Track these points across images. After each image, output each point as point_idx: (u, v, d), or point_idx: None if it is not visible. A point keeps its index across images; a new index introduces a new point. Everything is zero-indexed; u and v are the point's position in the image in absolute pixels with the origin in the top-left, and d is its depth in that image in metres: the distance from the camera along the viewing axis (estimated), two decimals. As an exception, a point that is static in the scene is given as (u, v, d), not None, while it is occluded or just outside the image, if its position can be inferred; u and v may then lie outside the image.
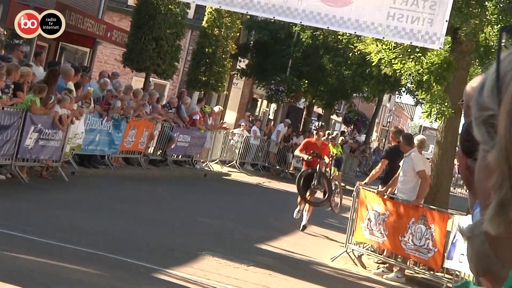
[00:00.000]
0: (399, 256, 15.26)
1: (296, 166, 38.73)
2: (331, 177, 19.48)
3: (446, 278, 14.25)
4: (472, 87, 4.57)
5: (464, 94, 5.23)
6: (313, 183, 18.49)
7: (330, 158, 19.86)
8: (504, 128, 1.31)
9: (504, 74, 1.44)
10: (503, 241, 1.55)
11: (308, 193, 18.87)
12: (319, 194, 20.02)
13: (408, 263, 15.21)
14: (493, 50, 24.74)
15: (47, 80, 18.67)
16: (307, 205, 18.95)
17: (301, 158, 19.45)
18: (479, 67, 26.61)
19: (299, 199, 19.05)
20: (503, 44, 1.67)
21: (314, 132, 18.14)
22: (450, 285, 13.87)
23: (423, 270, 14.95)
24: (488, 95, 1.43)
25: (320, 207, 19.79)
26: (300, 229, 18.53)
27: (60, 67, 22.04)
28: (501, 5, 19.71)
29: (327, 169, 19.56)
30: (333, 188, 19.55)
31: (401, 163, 16.37)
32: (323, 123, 18.88)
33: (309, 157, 18.25)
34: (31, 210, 14.62)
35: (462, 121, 29.26)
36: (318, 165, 18.40)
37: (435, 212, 14.76)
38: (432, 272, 14.59)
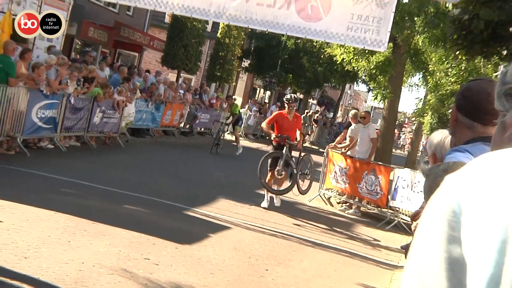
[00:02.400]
0: (356, 198, 16.18)
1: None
2: (301, 158, 14.19)
3: (389, 212, 15.13)
4: (434, 138, 4.91)
5: (428, 143, 5.06)
6: (277, 168, 13.61)
7: (301, 134, 14.37)
8: None
9: None
10: None
11: (269, 177, 13.59)
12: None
13: (362, 202, 16.18)
14: (420, 52, 26.25)
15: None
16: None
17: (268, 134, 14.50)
18: (410, 64, 28.11)
19: (265, 190, 13.79)
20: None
21: (286, 104, 13.58)
22: (392, 218, 14.39)
23: (373, 207, 15.78)
24: (510, 74, 1.43)
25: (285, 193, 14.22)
26: (268, 207, 13.39)
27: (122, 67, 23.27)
28: (425, 20, 20.32)
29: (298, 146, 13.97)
30: (303, 171, 14.30)
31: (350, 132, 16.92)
32: (295, 96, 14.91)
33: (276, 138, 13.40)
34: (98, 167, 14.83)
35: (400, 102, 28.51)
36: (285, 148, 13.60)
37: (382, 166, 16.10)
38: (380, 208, 15.40)
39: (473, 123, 3.32)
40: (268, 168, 13.57)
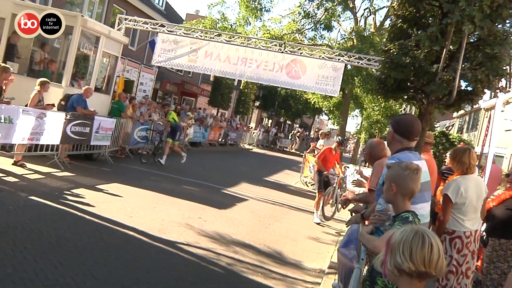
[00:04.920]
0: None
1: (281, 146, 40.49)
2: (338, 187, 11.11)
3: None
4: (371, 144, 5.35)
5: (366, 147, 5.56)
6: (331, 199, 10.82)
7: (340, 166, 11.67)
8: None
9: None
10: None
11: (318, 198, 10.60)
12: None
13: None
14: (358, 97, 26.20)
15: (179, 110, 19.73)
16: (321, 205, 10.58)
17: (316, 168, 11.04)
18: (353, 104, 28.36)
19: (315, 205, 10.64)
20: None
21: (337, 144, 10.81)
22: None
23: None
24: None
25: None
26: (325, 219, 10.66)
27: (182, 106, 23.68)
28: (361, 78, 20.68)
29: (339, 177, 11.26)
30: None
31: (318, 144, 17.02)
32: (344, 139, 11.25)
33: (324, 175, 10.60)
34: (171, 164, 14.50)
35: (347, 126, 29.00)
36: (335, 185, 10.92)
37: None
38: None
39: (402, 139, 3.57)
40: (319, 190, 10.59)
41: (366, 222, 3.86)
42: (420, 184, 3.10)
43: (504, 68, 8.84)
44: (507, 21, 8.67)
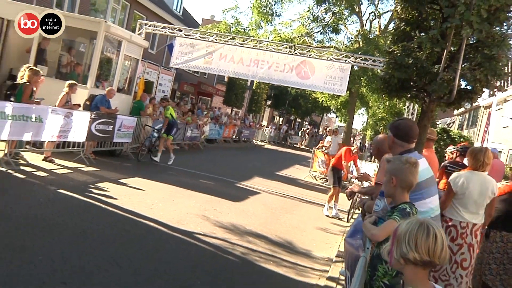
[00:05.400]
0: (348, 189, 14.67)
1: (292, 142, 40.75)
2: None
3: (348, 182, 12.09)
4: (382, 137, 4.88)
5: (373, 142, 5.27)
6: (354, 202, 9.72)
7: (356, 165, 11.70)
8: None
9: None
10: None
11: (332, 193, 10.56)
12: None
13: None
14: (364, 96, 25.72)
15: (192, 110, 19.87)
16: (333, 200, 10.48)
17: (332, 165, 10.82)
18: (359, 102, 27.87)
19: (329, 198, 10.52)
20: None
21: (355, 147, 11.22)
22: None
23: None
24: None
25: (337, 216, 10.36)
26: (336, 216, 10.34)
27: (199, 105, 23.88)
28: (367, 78, 20.39)
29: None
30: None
31: (326, 140, 16.98)
32: (360, 143, 9.67)
33: (342, 172, 10.56)
34: (188, 160, 14.74)
35: (354, 124, 28.62)
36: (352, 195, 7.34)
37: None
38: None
39: (403, 143, 3.53)
40: (333, 185, 10.49)
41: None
42: (426, 180, 3.15)
43: (502, 68, 8.77)
44: (504, 24, 8.60)
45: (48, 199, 6.99)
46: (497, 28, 8.58)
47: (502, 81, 9.66)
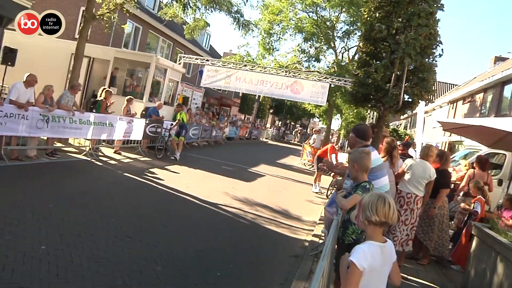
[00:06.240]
0: (319, 164, 14.52)
1: (287, 139, 39.94)
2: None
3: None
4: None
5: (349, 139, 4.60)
6: (332, 183, 8.94)
7: (336, 156, 10.15)
8: None
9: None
10: None
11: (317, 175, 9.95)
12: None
13: (319, 165, 14.09)
14: (339, 105, 24.50)
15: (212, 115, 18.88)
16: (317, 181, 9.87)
17: (317, 155, 10.26)
18: (335, 110, 26.41)
19: (315, 179, 10.00)
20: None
21: (338, 146, 10.46)
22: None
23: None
24: None
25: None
26: (319, 192, 9.78)
27: (222, 113, 23.45)
28: (340, 93, 20.03)
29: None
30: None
31: (312, 137, 15.98)
32: (341, 143, 8.43)
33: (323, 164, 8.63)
34: (212, 152, 14.21)
35: (332, 125, 27.60)
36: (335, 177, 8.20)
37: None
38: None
39: (362, 141, 3.40)
40: (318, 170, 9.83)
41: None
42: (379, 165, 3.11)
43: (431, 87, 9.15)
44: (431, 57, 8.92)
45: (117, 180, 6.96)
46: (427, 60, 8.88)
47: (431, 96, 9.97)
